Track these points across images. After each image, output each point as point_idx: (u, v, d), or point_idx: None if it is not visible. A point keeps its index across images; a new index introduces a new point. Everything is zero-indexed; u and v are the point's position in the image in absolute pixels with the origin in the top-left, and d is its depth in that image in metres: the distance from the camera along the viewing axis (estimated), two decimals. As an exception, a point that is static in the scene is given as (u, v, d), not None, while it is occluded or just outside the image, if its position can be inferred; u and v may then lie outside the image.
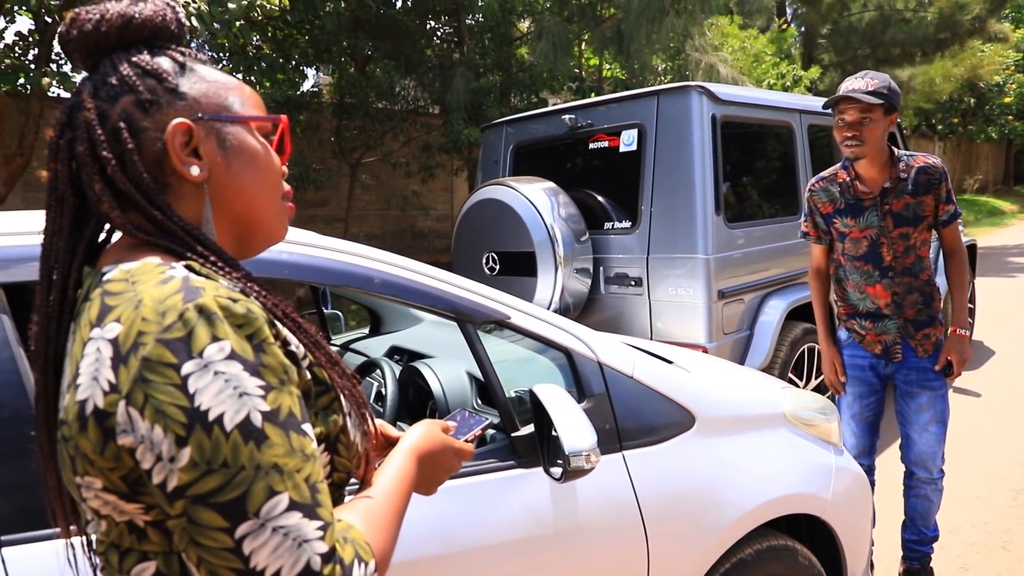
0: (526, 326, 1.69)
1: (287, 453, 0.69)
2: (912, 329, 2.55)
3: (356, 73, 9.64)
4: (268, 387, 0.70)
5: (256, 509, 0.66)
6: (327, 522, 0.70)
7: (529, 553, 1.54)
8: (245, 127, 0.84)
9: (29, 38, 7.02)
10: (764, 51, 11.76)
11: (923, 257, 2.52)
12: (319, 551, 0.68)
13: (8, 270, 1.23)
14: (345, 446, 0.85)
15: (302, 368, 0.78)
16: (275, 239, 0.89)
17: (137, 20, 0.79)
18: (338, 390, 0.84)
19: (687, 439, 1.83)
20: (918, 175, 2.44)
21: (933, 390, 2.56)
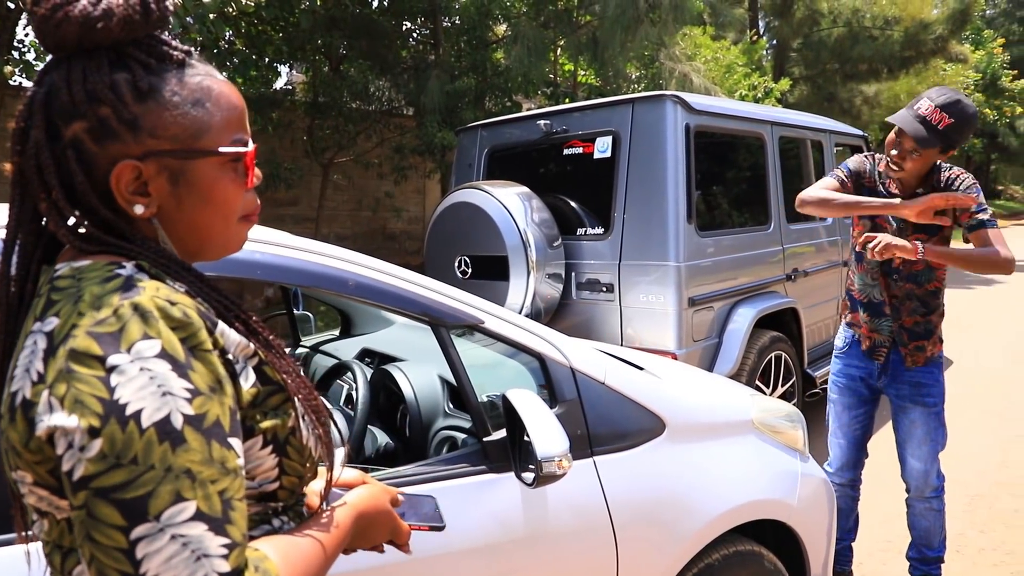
0: (499, 331, 1.69)
1: (204, 461, 0.66)
2: (906, 337, 2.53)
3: (330, 72, 9.57)
4: (196, 391, 0.68)
5: (158, 512, 0.63)
6: (235, 542, 0.66)
7: (499, 558, 1.54)
8: (209, 161, 0.79)
9: (-8, 25, 6.86)
10: (736, 62, 11.93)
11: (934, 269, 2.48)
12: (219, 569, 0.64)
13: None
14: (296, 449, 0.83)
15: (239, 378, 0.77)
16: (229, 252, 0.88)
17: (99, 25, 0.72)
18: (290, 392, 0.83)
19: (657, 445, 1.84)
20: (944, 187, 2.43)
21: (926, 407, 2.53)
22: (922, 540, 2.71)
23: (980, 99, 26.31)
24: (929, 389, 2.54)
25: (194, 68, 0.80)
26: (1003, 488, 3.82)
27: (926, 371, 2.54)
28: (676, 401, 1.95)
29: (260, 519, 0.82)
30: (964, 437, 4.53)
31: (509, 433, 1.52)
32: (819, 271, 4.63)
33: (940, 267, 2.48)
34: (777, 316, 4.18)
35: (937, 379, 2.55)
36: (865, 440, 2.73)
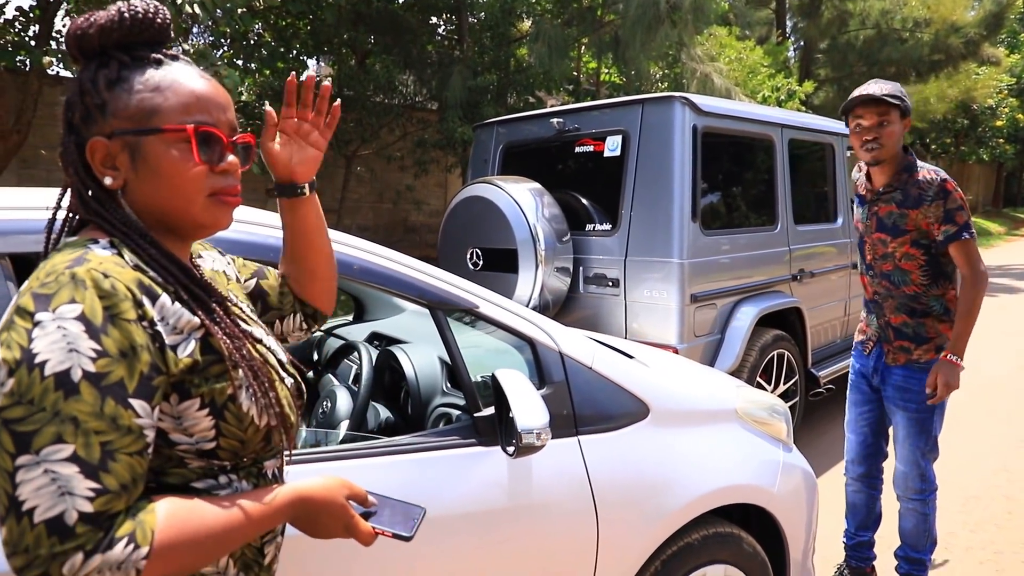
0: (493, 315, 1.82)
1: (93, 414, 0.77)
2: (891, 335, 2.58)
3: (356, 66, 9.74)
4: (102, 352, 0.79)
5: (38, 448, 0.74)
6: (107, 488, 0.76)
7: (486, 526, 1.66)
8: (159, 138, 0.91)
9: (30, 13, 7.10)
10: (760, 63, 11.91)
11: (907, 271, 2.51)
12: (81, 508, 0.74)
13: (11, 240, 1.34)
14: (233, 415, 0.92)
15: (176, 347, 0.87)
16: (213, 228, 0.98)
17: (90, 32, 0.90)
18: (231, 363, 0.92)
19: (641, 428, 1.95)
20: (911, 187, 2.45)
21: (907, 411, 2.56)
22: (907, 540, 2.76)
23: (1014, 104, 25.93)
24: (913, 395, 2.55)
25: (170, 65, 0.94)
26: (999, 491, 3.87)
27: (912, 376, 2.54)
28: (661, 388, 2.06)
29: (204, 473, 0.93)
30: (965, 441, 4.58)
31: (497, 409, 1.65)
32: (826, 272, 4.70)
33: (914, 271, 2.50)
34: (781, 315, 4.26)
35: (924, 386, 2.52)
36: (876, 437, 2.77)
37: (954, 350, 2.43)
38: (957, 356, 2.42)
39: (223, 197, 0.96)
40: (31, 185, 8.00)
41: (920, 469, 2.59)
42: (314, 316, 1.33)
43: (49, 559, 0.73)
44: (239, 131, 1.00)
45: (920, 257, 2.48)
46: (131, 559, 0.76)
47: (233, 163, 0.96)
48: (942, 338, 2.52)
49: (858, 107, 2.42)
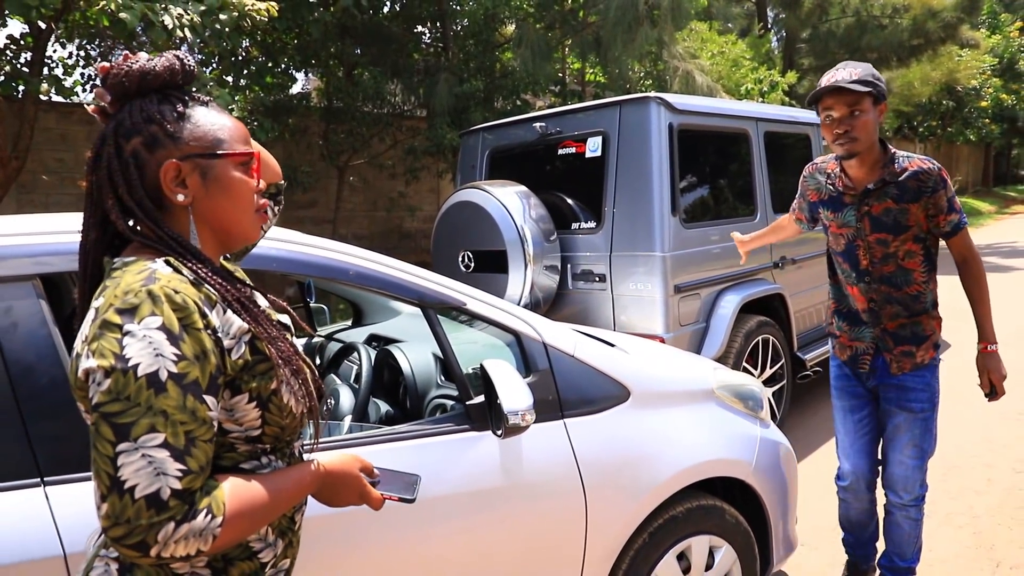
0: (480, 311, 1.97)
1: (178, 408, 0.93)
2: (891, 342, 2.39)
3: (344, 78, 9.89)
4: (182, 356, 0.94)
5: (137, 436, 0.90)
6: (190, 470, 0.92)
7: (480, 504, 1.82)
8: (224, 161, 1.08)
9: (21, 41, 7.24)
10: (743, 56, 12.09)
11: (910, 270, 2.33)
12: (173, 486, 0.90)
13: (41, 262, 1.50)
14: (276, 406, 1.08)
15: (230, 351, 1.02)
16: (250, 241, 1.16)
17: (151, 75, 1.05)
18: (274, 362, 1.07)
19: (622, 410, 2.11)
20: (908, 180, 2.24)
21: (911, 412, 2.39)
22: (895, 549, 2.57)
23: (997, 84, 26.14)
24: (916, 394, 2.39)
25: (213, 105, 1.12)
26: (979, 459, 4.03)
27: (915, 375, 2.39)
28: (641, 372, 2.21)
29: (250, 455, 1.09)
30: (948, 414, 4.74)
31: (486, 396, 1.80)
32: (808, 259, 4.85)
33: (917, 269, 2.34)
34: (765, 302, 4.41)
35: (927, 384, 2.39)
36: (876, 444, 2.57)
37: (988, 339, 2.34)
38: (992, 343, 2.34)
39: (263, 213, 1.15)
40: (30, 210, 8.15)
41: (922, 473, 2.43)
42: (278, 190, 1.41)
43: (147, 528, 0.88)
44: None
45: (919, 253, 2.32)
46: (210, 527, 0.92)
47: (265, 185, 1.15)
48: (936, 334, 2.41)
49: (826, 97, 2.18)
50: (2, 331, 1.39)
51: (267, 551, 1.11)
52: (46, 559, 1.31)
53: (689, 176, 4.10)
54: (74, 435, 1.38)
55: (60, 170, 8.44)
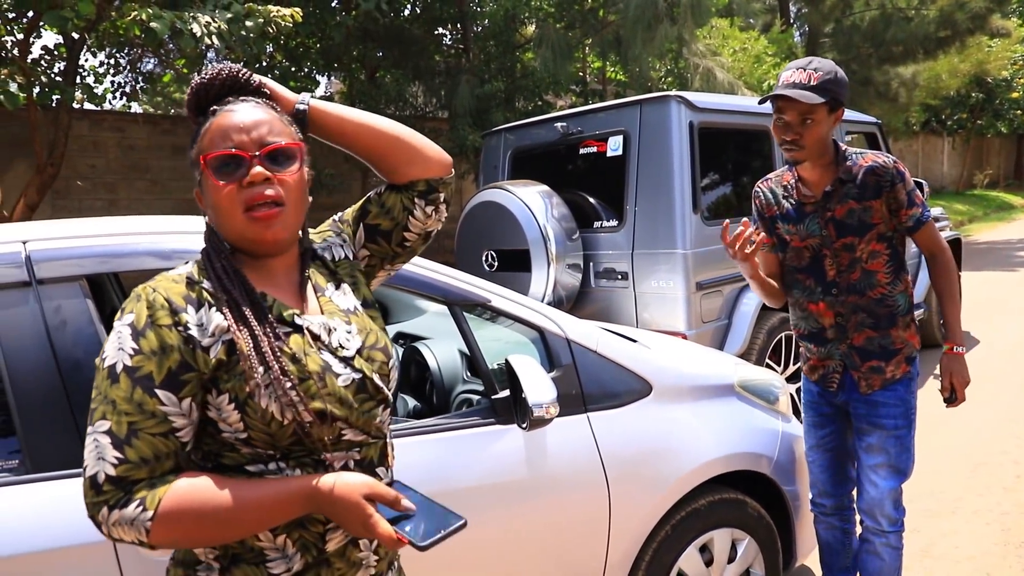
0: (505, 308, 2.02)
1: (125, 399, 0.97)
2: (857, 358, 2.22)
3: (366, 80, 10.00)
4: (138, 351, 0.99)
5: (93, 421, 0.98)
6: (128, 460, 0.95)
7: (506, 495, 1.87)
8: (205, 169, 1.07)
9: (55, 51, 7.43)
10: (764, 52, 12.01)
11: (872, 272, 2.17)
12: (108, 472, 0.95)
13: (86, 264, 1.57)
14: (254, 410, 1.01)
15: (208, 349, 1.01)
16: (256, 243, 1.08)
17: (191, 96, 1.12)
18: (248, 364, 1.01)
19: (645, 404, 2.15)
20: (866, 176, 2.12)
21: (884, 429, 2.20)
22: None
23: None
24: (888, 410, 2.21)
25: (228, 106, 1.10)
26: (1007, 456, 4.00)
27: (887, 389, 2.21)
28: (663, 367, 2.25)
29: (254, 458, 1.05)
30: (976, 411, 4.71)
31: (511, 390, 1.85)
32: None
33: (880, 270, 2.17)
34: (787, 298, 4.41)
35: (901, 399, 2.21)
36: (843, 461, 2.39)
37: (955, 340, 2.19)
38: (959, 345, 2.19)
39: (254, 213, 1.05)
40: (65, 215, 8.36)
41: (896, 495, 2.24)
42: (426, 187, 1.26)
43: (91, 507, 0.96)
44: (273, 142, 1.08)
45: (884, 252, 2.17)
46: (140, 518, 0.94)
47: (258, 173, 1.05)
48: (909, 347, 2.22)
49: (779, 98, 2.05)
50: (52, 329, 1.46)
51: (279, 563, 1.06)
52: (97, 543, 1.39)
53: (710, 173, 4.12)
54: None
55: (92, 176, 8.64)
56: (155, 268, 1.57)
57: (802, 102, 2.01)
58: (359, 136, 1.23)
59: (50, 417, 1.43)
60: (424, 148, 1.26)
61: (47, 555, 1.36)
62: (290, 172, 1.09)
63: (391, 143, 1.23)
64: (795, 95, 2.00)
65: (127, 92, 9.03)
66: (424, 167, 1.25)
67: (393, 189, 1.27)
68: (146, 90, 10.21)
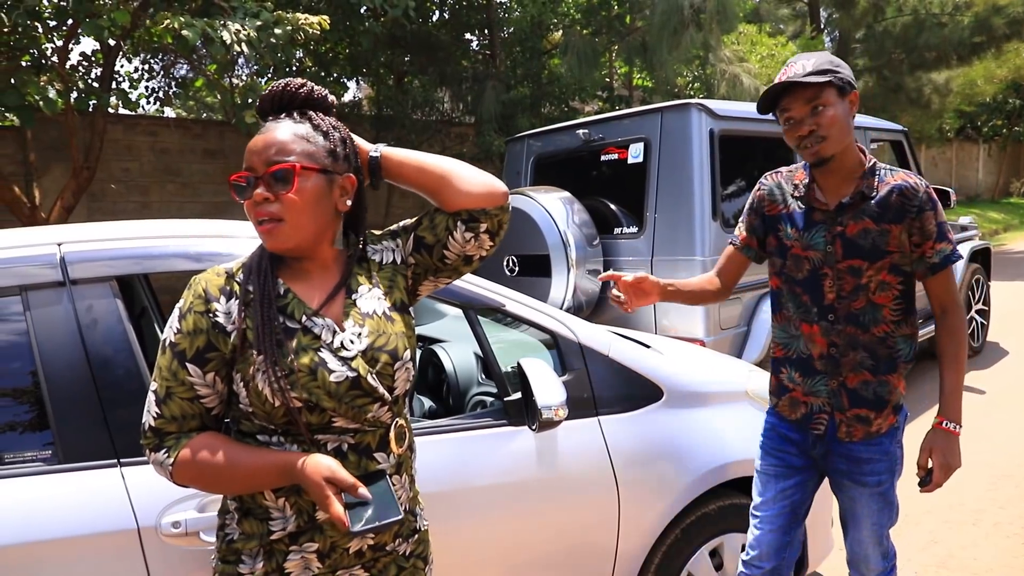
0: (519, 312, 2.07)
1: (167, 368, 1.21)
2: (846, 400, 1.90)
3: (394, 86, 10.13)
4: (179, 330, 1.21)
5: (151, 382, 1.23)
6: (163, 415, 1.21)
7: (517, 495, 1.91)
8: None
9: (92, 57, 7.64)
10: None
11: (880, 306, 1.87)
12: (149, 423, 1.22)
13: (117, 265, 1.65)
14: (254, 392, 1.19)
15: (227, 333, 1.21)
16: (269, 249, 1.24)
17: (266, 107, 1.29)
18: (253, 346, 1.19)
19: (655, 409, 2.18)
20: (890, 195, 1.82)
21: (867, 487, 1.92)
22: None
23: (1067, 82, 25.08)
24: (872, 466, 1.92)
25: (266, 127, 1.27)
26: (1032, 468, 3.95)
27: (872, 444, 1.92)
28: (675, 373, 2.28)
29: (261, 430, 1.24)
30: (999, 424, 4.65)
31: (522, 392, 1.89)
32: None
33: (887, 304, 1.88)
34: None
35: (886, 452, 1.92)
36: (795, 523, 2.03)
37: (952, 415, 1.82)
38: (956, 423, 1.82)
39: (260, 227, 1.21)
40: (100, 217, 8.57)
41: (883, 548, 2.01)
42: (468, 216, 1.35)
43: (143, 446, 1.23)
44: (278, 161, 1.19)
45: (896, 286, 1.87)
46: (165, 462, 1.20)
47: (259, 194, 1.19)
48: (897, 395, 1.92)
49: (781, 98, 1.84)
50: (84, 327, 1.54)
51: (278, 521, 1.23)
52: (122, 531, 1.46)
53: (731, 181, 4.13)
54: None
55: (126, 179, 8.86)
56: (185, 270, 1.65)
57: (806, 88, 1.77)
58: (413, 177, 1.38)
59: (81, 411, 1.51)
60: (468, 184, 1.36)
61: (76, 541, 1.44)
62: (288, 191, 1.19)
63: (439, 181, 1.36)
64: (795, 79, 1.76)
65: (160, 97, 9.24)
66: (466, 200, 1.35)
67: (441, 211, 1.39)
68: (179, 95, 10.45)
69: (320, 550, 1.24)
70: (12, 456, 1.50)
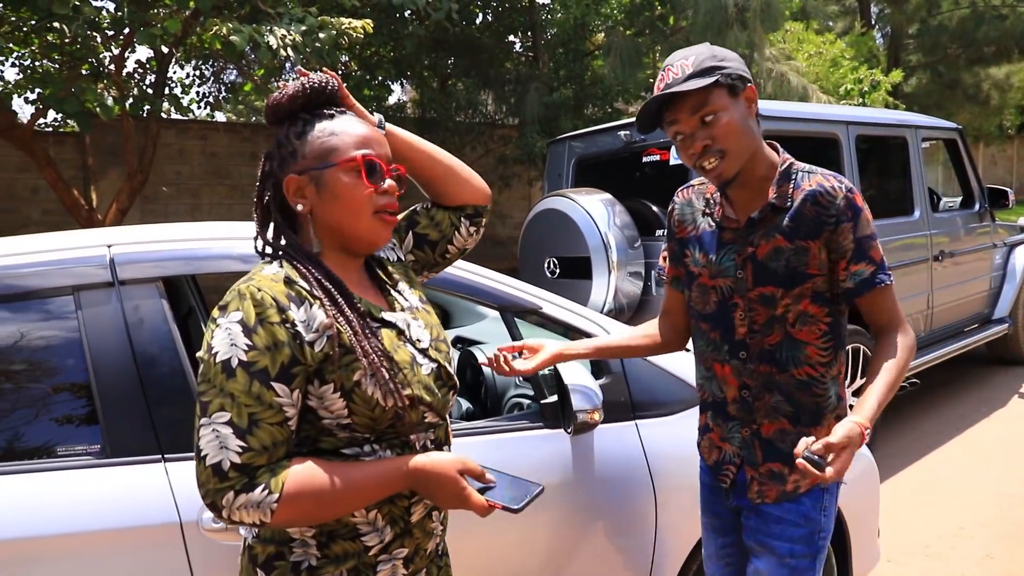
0: (555, 315, 2.07)
1: (244, 392, 1.04)
2: (759, 454, 1.62)
3: (438, 88, 10.23)
4: (252, 347, 1.05)
5: (210, 413, 1.04)
6: (251, 448, 1.03)
7: (552, 498, 1.90)
8: (335, 169, 1.16)
9: (147, 64, 7.90)
10: (841, 56, 11.68)
11: (801, 343, 1.55)
12: (232, 460, 1.02)
13: (164, 267, 1.70)
14: (360, 398, 1.11)
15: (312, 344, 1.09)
16: (373, 243, 1.20)
17: (283, 105, 1.18)
18: (359, 356, 1.12)
19: (694, 413, 2.14)
20: (803, 204, 1.51)
21: (774, 554, 1.61)
22: None
23: None
24: (784, 529, 1.60)
25: (340, 116, 1.20)
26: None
27: (789, 503, 1.61)
28: (714, 377, 2.24)
29: (350, 442, 1.14)
30: None
31: (559, 396, 1.89)
32: (903, 266, 4.68)
33: (813, 343, 1.55)
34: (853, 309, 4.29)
35: (806, 516, 1.59)
36: None
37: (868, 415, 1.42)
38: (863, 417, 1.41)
39: (384, 216, 1.18)
40: (153, 219, 8.84)
41: None
42: (475, 211, 1.43)
43: (214, 492, 1.03)
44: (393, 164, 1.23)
45: (822, 320, 1.54)
46: (266, 501, 1.03)
47: (392, 186, 1.19)
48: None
49: (663, 111, 1.52)
50: (131, 326, 1.59)
51: (372, 535, 1.16)
52: (165, 525, 1.50)
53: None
54: (190, 418, 1.56)
55: (178, 182, 9.12)
56: (232, 271, 1.69)
57: (689, 96, 1.46)
58: (422, 162, 1.39)
59: (127, 407, 1.56)
60: (472, 179, 1.44)
61: (122, 533, 1.49)
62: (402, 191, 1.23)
63: (448, 171, 1.41)
64: (672, 90, 1.47)
65: (210, 102, 9.50)
66: (472, 195, 1.43)
67: (441, 207, 1.43)
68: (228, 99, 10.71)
69: (408, 555, 1.22)
70: (64, 449, 1.56)
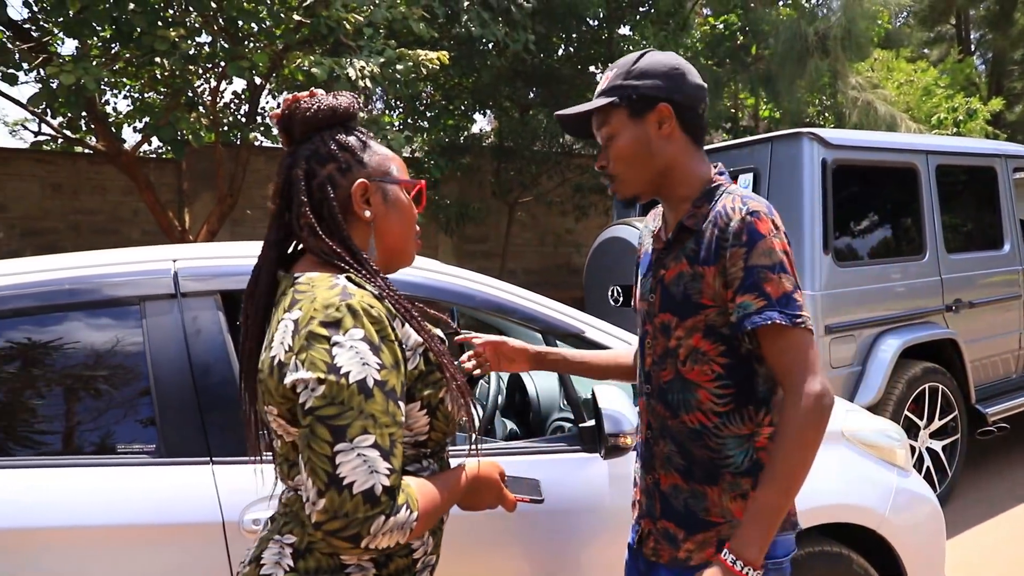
0: (598, 340, 2.09)
1: (383, 412, 1.02)
2: (658, 508, 1.44)
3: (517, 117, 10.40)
4: (382, 365, 1.04)
5: (352, 437, 0.99)
6: (394, 469, 1.01)
7: (587, 520, 1.91)
8: (399, 186, 1.24)
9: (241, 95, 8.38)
10: (934, 84, 11.25)
11: (692, 385, 1.36)
12: (383, 483, 0.99)
13: (223, 281, 1.82)
14: (443, 414, 1.17)
15: (408, 360, 1.11)
16: (406, 262, 1.29)
17: (339, 110, 1.20)
18: (444, 374, 1.16)
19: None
20: (708, 227, 1.35)
21: None
22: None
23: None
24: None
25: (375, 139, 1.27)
26: None
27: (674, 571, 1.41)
28: (761, 408, 2.20)
29: (413, 459, 1.18)
30: None
31: (596, 420, 1.90)
32: (992, 302, 4.45)
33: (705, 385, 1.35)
34: (935, 347, 4.11)
35: None
36: None
37: (744, 542, 1.22)
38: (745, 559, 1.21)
39: (417, 238, 1.29)
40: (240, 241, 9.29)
41: None
42: None
43: (363, 521, 0.98)
44: None
45: (717, 359, 1.35)
46: (409, 520, 1.03)
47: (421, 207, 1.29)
48: (731, 526, 1.36)
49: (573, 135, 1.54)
50: (189, 336, 1.71)
51: (421, 547, 1.19)
52: (208, 524, 1.60)
53: (846, 213, 3.95)
54: (237, 425, 1.66)
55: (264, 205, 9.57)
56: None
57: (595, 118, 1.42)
58: None
59: (182, 411, 1.67)
60: None
61: (170, 528, 1.59)
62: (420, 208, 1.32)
63: None
64: (570, 110, 1.45)
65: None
66: None
67: None
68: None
69: (435, 560, 1.25)
70: (124, 447, 1.68)
